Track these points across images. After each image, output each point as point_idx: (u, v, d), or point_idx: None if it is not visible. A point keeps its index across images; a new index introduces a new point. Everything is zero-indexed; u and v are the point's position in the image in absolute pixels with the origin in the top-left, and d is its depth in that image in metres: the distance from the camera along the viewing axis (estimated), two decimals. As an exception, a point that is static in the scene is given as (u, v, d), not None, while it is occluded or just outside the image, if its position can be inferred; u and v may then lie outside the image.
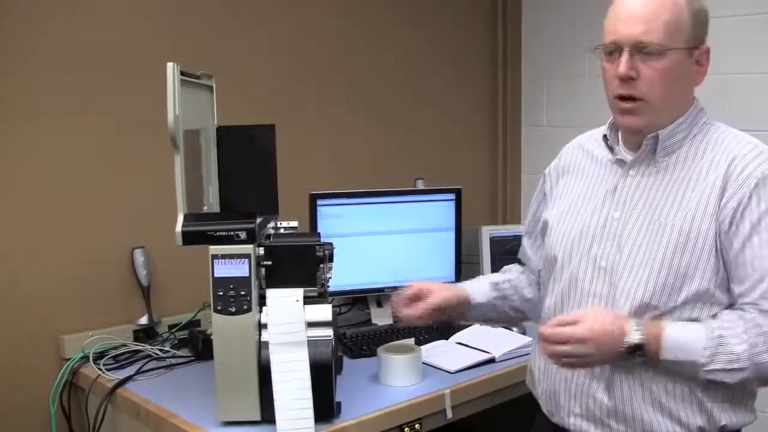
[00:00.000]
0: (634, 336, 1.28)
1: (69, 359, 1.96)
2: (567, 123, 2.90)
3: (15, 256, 1.93)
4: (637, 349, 1.29)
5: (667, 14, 1.33)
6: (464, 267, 2.48)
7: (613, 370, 1.36)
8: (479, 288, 1.67)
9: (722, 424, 1.34)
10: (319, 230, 2.17)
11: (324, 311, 1.58)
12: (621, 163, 1.44)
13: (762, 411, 2.62)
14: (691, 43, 1.36)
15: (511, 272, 1.73)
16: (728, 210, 1.31)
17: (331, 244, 1.66)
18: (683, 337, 1.29)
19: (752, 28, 2.52)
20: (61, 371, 1.95)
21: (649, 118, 1.38)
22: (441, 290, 1.61)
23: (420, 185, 2.68)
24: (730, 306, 1.33)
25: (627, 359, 1.31)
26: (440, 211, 2.41)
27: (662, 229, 1.34)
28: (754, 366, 1.26)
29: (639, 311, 1.34)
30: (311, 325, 1.56)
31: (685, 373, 1.31)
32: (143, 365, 1.94)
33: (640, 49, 1.33)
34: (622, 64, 1.34)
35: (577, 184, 1.52)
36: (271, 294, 1.56)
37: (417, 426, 1.75)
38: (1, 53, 1.88)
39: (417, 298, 1.59)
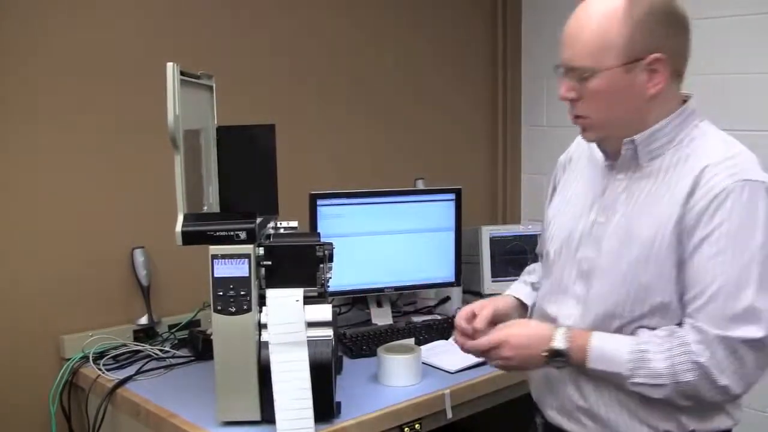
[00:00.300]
0: (558, 343, 1.33)
1: (69, 359, 1.96)
2: (567, 123, 2.86)
3: (15, 256, 1.93)
4: (559, 355, 1.33)
5: (593, 35, 1.29)
6: (464, 267, 2.48)
7: (579, 372, 1.37)
8: (523, 291, 1.63)
9: (690, 429, 1.32)
10: (319, 230, 2.17)
11: (324, 311, 1.58)
12: (611, 167, 1.42)
13: (762, 411, 2.64)
14: (626, 58, 1.28)
15: (536, 272, 1.69)
16: (688, 220, 1.27)
17: (331, 244, 1.66)
18: (609, 349, 1.30)
19: (752, 28, 2.52)
20: (61, 371, 1.95)
21: (600, 133, 1.38)
22: (490, 303, 1.56)
23: (420, 185, 2.68)
24: None
25: (551, 364, 1.35)
26: (440, 211, 2.41)
27: (632, 238, 1.33)
28: (674, 384, 1.25)
29: (605, 318, 1.35)
30: (311, 325, 1.56)
31: (614, 383, 1.32)
32: (143, 365, 1.94)
33: (572, 72, 1.33)
34: (560, 88, 1.36)
35: (574, 182, 1.51)
36: (271, 294, 1.56)
37: (417, 426, 1.75)
38: (1, 53, 1.88)
39: (470, 320, 1.53)
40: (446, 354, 1.99)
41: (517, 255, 2.63)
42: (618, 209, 1.36)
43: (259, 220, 1.59)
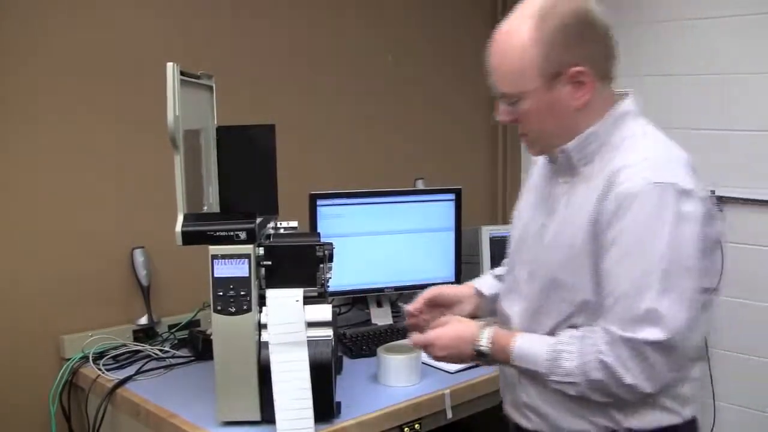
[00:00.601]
0: (481, 344, 1.39)
1: (69, 359, 1.96)
2: (567, 123, 2.89)
3: (15, 256, 1.93)
4: (483, 355, 1.40)
5: (509, 62, 1.32)
6: (464, 267, 2.48)
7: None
8: (485, 281, 1.68)
9: (626, 426, 1.33)
10: (319, 230, 2.17)
11: (324, 311, 1.58)
12: (556, 171, 1.45)
13: (762, 411, 2.64)
14: (545, 77, 1.30)
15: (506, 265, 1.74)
16: (601, 222, 1.29)
17: (331, 244, 1.65)
18: (529, 349, 1.35)
19: (752, 28, 2.52)
20: (61, 371, 1.95)
21: (543, 146, 1.42)
22: (438, 287, 1.64)
23: (420, 185, 2.68)
24: None
25: (479, 362, 1.43)
26: (440, 211, 2.41)
27: (561, 240, 1.36)
28: (587, 382, 1.28)
29: (540, 316, 1.40)
30: (311, 325, 1.56)
31: (539, 380, 1.36)
32: (143, 365, 1.94)
33: (503, 98, 1.37)
34: (498, 112, 1.39)
35: (533, 185, 1.54)
36: (271, 294, 1.56)
37: (417, 426, 1.75)
38: (1, 53, 1.88)
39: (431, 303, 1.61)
40: (446, 354, 1.99)
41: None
42: (558, 212, 1.39)
43: (259, 220, 1.59)
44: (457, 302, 1.62)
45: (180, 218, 1.54)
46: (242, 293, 1.53)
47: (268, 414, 1.54)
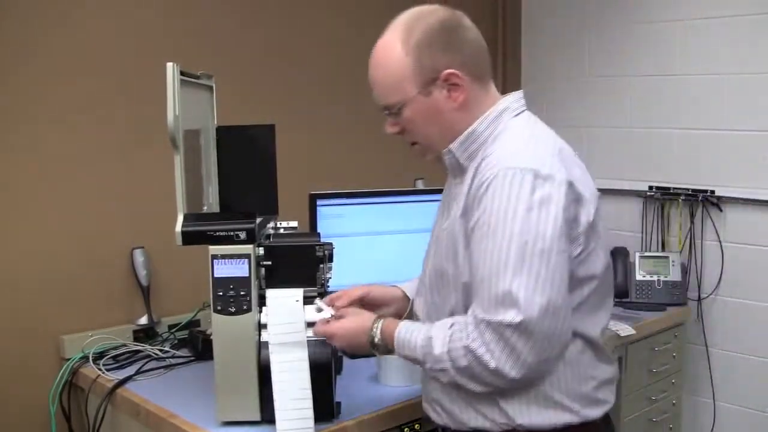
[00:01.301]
0: (373, 333, 1.44)
1: (69, 359, 1.96)
2: (567, 123, 2.90)
3: (15, 256, 1.93)
4: (376, 345, 1.44)
5: (385, 74, 1.40)
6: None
7: None
8: (410, 285, 1.69)
9: (519, 422, 1.34)
10: (319, 230, 2.16)
11: (324, 311, 1.58)
12: (451, 173, 1.50)
13: (762, 411, 2.64)
14: (420, 84, 1.38)
15: None
16: (467, 211, 1.34)
17: (331, 244, 1.65)
18: (408, 336, 1.38)
19: (752, 28, 2.52)
20: (61, 371, 1.95)
21: (433, 152, 1.47)
22: (365, 287, 1.66)
23: (420, 185, 2.68)
24: None
25: (376, 352, 1.47)
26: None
27: (446, 236, 1.41)
28: (455, 369, 1.29)
29: (431, 312, 1.46)
30: (311, 325, 1.55)
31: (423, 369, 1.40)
32: (143, 365, 1.94)
33: (386, 109, 1.44)
34: (386, 125, 1.47)
35: (444, 191, 1.58)
36: (271, 294, 1.56)
37: (416, 426, 1.75)
38: (1, 53, 1.88)
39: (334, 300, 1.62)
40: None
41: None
42: (452, 210, 1.43)
43: (258, 220, 1.59)
44: (383, 305, 1.65)
45: (180, 218, 1.54)
46: (242, 293, 1.53)
47: (268, 414, 1.54)
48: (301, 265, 1.61)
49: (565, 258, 1.28)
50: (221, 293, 1.53)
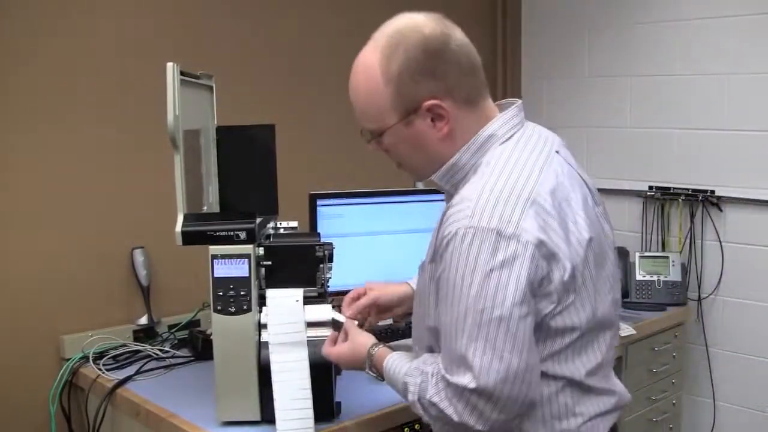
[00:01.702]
0: (366, 364, 1.44)
1: (69, 359, 1.96)
2: (567, 123, 2.90)
3: (15, 256, 1.93)
4: (374, 374, 1.44)
5: (363, 101, 1.33)
6: (464, 267, 2.48)
7: None
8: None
9: None
10: (319, 230, 2.17)
11: (324, 311, 1.58)
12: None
13: (762, 411, 2.64)
14: (400, 114, 1.28)
15: None
16: (435, 257, 1.27)
17: (331, 244, 1.66)
18: (391, 376, 1.36)
19: (752, 28, 2.52)
20: (61, 371, 1.95)
21: (420, 175, 1.41)
22: (383, 287, 1.64)
23: (420, 185, 2.68)
24: None
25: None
26: (440, 211, 2.41)
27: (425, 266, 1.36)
28: (428, 416, 1.25)
29: (415, 317, 1.44)
30: (311, 325, 1.56)
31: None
32: (143, 365, 1.94)
33: (367, 133, 1.36)
34: (368, 145, 1.39)
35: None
36: (271, 294, 1.56)
37: (417, 426, 1.75)
38: (1, 53, 1.88)
39: (354, 300, 1.63)
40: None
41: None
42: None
43: (259, 220, 1.59)
44: (394, 307, 1.64)
45: (180, 218, 1.54)
46: (242, 293, 1.53)
47: (268, 414, 1.54)
48: (301, 265, 1.61)
49: (529, 321, 1.18)
50: (221, 293, 1.53)
